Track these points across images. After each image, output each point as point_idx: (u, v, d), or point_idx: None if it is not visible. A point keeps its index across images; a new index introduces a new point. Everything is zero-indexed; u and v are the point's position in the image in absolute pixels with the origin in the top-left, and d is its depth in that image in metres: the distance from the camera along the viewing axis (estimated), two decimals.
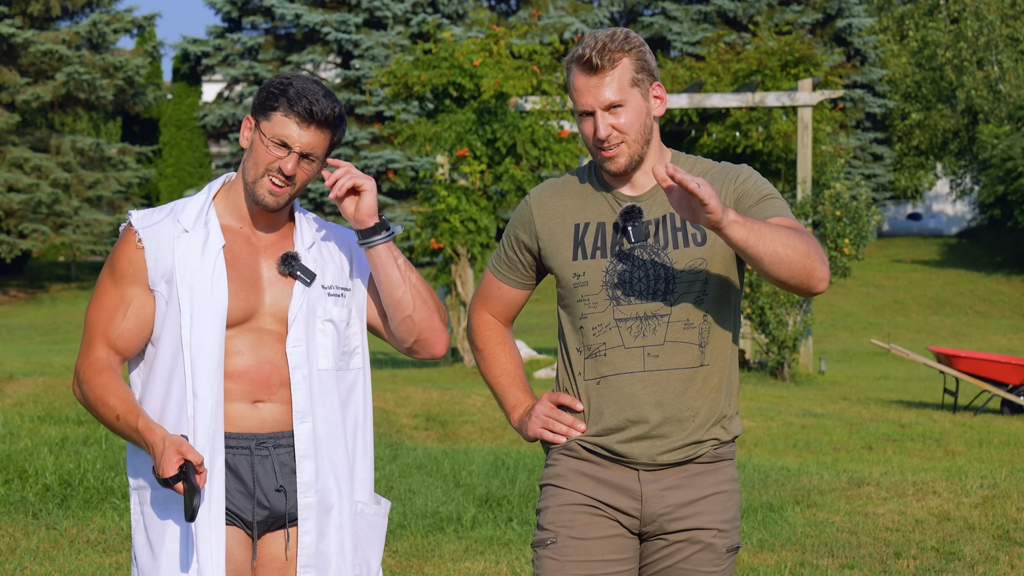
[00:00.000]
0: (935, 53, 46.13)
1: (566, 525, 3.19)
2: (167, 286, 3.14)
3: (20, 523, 7.25)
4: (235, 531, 3.17)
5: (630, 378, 3.15)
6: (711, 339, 3.18)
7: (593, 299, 3.18)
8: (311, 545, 3.19)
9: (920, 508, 7.96)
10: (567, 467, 3.23)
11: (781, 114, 21.59)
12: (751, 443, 11.25)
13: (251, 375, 3.16)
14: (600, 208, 3.23)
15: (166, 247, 3.16)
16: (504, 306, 3.40)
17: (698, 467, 3.20)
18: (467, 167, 18.45)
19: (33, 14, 39.52)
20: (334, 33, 40.89)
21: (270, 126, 3.13)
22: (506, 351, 3.40)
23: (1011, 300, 35.89)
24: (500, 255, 3.37)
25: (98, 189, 39.19)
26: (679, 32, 44.28)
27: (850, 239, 18.02)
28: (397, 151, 39.21)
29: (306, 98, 3.12)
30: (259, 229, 3.24)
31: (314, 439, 3.19)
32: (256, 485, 3.16)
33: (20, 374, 14.26)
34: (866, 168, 45.38)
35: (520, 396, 3.36)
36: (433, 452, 9.56)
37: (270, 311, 3.19)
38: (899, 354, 15.81)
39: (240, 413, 3.16)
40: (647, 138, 3.20)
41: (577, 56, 3.15)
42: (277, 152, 3.14)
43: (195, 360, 3.11)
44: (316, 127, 3.13)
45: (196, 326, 3.12)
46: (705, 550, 3.18)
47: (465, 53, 18.53)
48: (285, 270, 3.21)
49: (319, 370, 3.22)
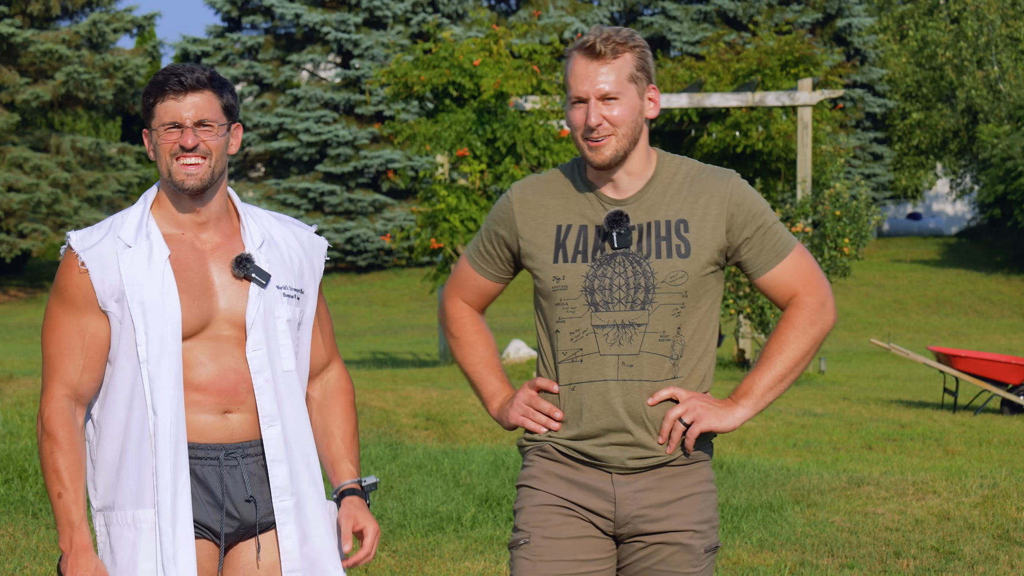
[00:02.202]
0: (935, 53, 46.12)
1: (539, 525, 3.18)
2: (118, 305, 3.06)
3: (20, 523, 7.25)
4: (204, 544, 3.12)
5: (603, 386, 3.13)
6: (685, 352, 3.14)
7: (572, 304, 3.15)
8: (294, 549, 3.15)
9: (920, 508, 7.96)
10: (541, 468, 3.21)
11: (781, 114, 21.58)
12: (751, 443, 11.26)
13: (217, 385, 3.09)
14: (583, 210, 3.19)
15: (110, 266, 3.06)
16: (479, 295, 3.36)
17: (672, 469, 3.18)
18: (467, 167, 18.45)
19: (33, 14, 39.52)
20: (334, 33, 40.89)
21: (157, 120, 3.08)
22: (482, 339, 3.36)
23: (1011, 300, 35.88)
24: (478, 246, 3.32)
25: (98, 189, 39.17)
26: (679, 32, 44.28)
27: (850, 239, 18.03)
28: (397, 151, 39.21)
29: (172, 75, 3.08)
30: (202, 233, 3.14)
31: (284, 442, 3.14)
32: (225, 496, 3.11)
33: (20, 374, 14.26)
34: (866, 168, 45.39)
35: (498, 384, 3.33)
36: (433, 452, 9.56)
37: (225, 316, 3.11)
38: (899, 354, 15.81)
39: (209, 424, 3.09)
40: (636, 137, 3.14)
41: (581, 43, 3.12)
42: (171, 135, 3.07)
43: (153, 376, 3.04)
44: (192, 93, 3.07)
45: (151, 342, 3.04)
46: (682, 551, 3.16)
47: (465, 53, 18.53)
48: (240, 273, 3.12)
49: (283, 371, 3.15)
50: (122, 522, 3.09)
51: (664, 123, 22.64)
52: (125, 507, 3.08)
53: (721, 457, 9.90)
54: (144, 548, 3.06)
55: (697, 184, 3.18)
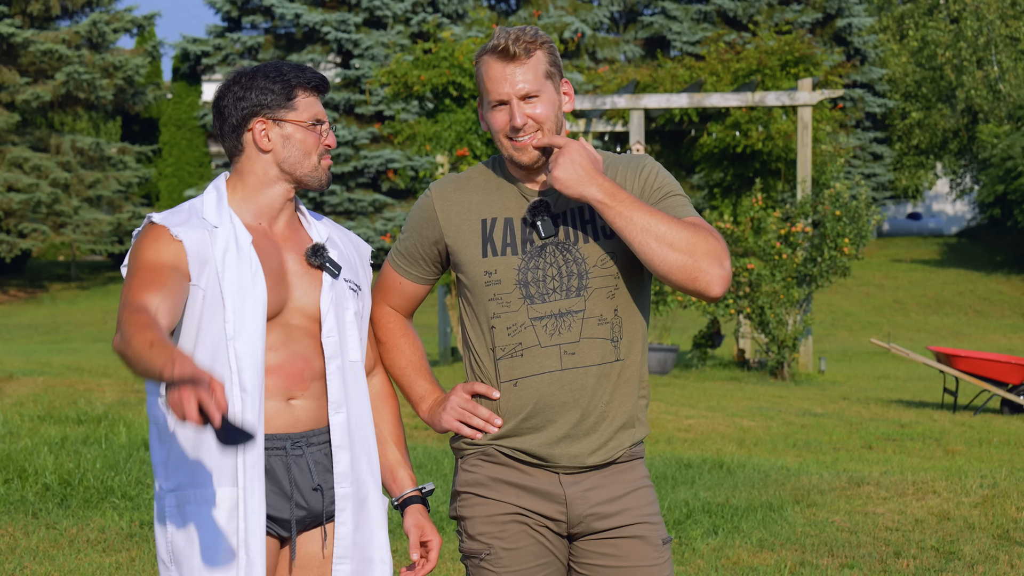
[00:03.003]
0: (935, 53, 46.14)
1: (498, 537, 3.16)
2: (206, 280, 3.08)
3: (20, 523, 7.25)
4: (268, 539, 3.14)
5: (547, 378, 3.11)
6: (624, 333, 3.15)
7: (506, 298, 3.13)
8: (347, 536, 3.17)
9: (920, 508, 7.96)
10: (487, 474, 3.19)
11: (781, 114, 21.57)
12: (751, 443, 11.26)
13: (286, 370, 3.12)
14: (506, 203, 3.18)
15: (203, 242, 3.09)
16: (404, 300, 3.35)
17: (616, 467, 3.18)
18: (467, 167, 18.44)
19: (33, 13, 39.52)
20: (334, 33, 40.89)
21: (297, 114, 3.15)
22: (409, 343, 3.35)
23: (1011, 300, 35.88)
24: (400, 250, 3.31)
25: (98, 189, 39.17)
26: (679, 31, 44.30)
27: (850, 239, 18.03)
28: (397, 151, 39.21)
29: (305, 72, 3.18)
30: (274, 225, 3.22)
31: (348, 430, 3.18)
32: (293, 486, 3.13)
33: (20, 374, 14.27)
34: (866, 167, 45.40)
35: (427, 387, 3.31)
36: (433, 452, 9.56)
37: (297, 306, 3.16)
38: (899, 354, 15.81)
39: (275, 411, 3.12)
40: (557, 132, 3.16)
41: (491, 47, 3.12)
42: (316, 132, 3.18)
43: (240, 354, 3.06)
44: (321, 95, 3.21)
45: (239, 320, 3.07)
46: (641, 542, 3.17)
47: (465, 52, 18.54)
48: (315, 262, 3.19)
49: (350, 361, 3.20)
50: (200, 500, 3.06)
51: (664, 123, 22.61)
52: (205, 485, 3.06)
53: (721, 457, 9.91)
54: (225, 526, 3.05)
55: (613, 168, 3.20)
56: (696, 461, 9.58)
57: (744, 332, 20.17)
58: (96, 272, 43.30)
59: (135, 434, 9.77)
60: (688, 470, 9.27)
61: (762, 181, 22.27)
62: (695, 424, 12.13)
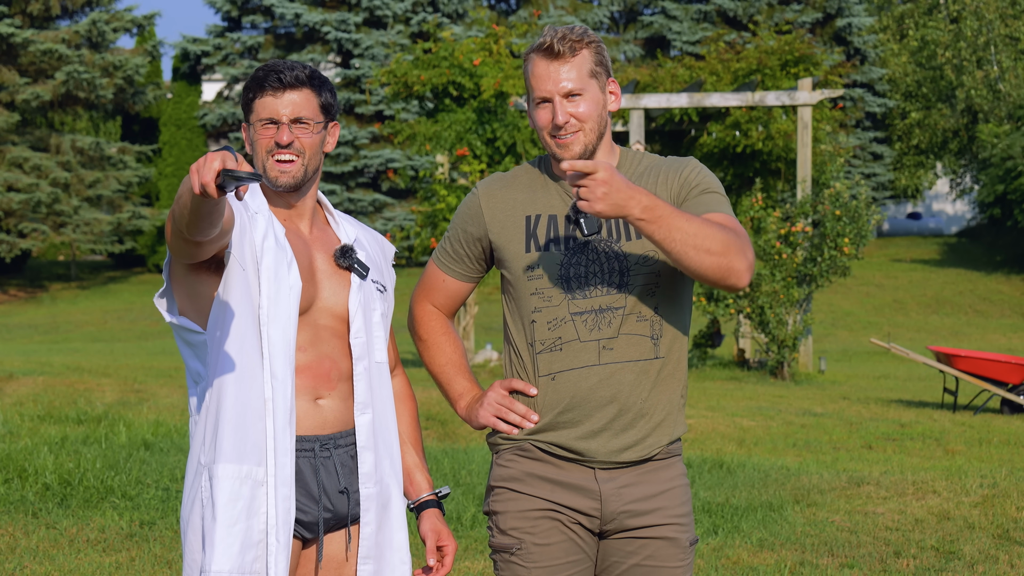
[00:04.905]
0: (935, 52, 46.15)
1: (529, 532, 3.18)
2: (250, 260, 3.05)
3: (20, 522, 7.25)
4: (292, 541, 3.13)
5: (586, 372, 3.14)
6: (664, 332, 3.18)
7: (548, 292, 3.17)
8: (371, 537, 3.19)
9: (920, 507, 7.96)
10: (522, 470, 3.21)
11: (781, 113, 21.58)
12: (751, 442, 11.26)
13: (314, 369, 3.12)
14: (550, 200, 3.22)
15: (244, 226, 3.07)
16: (447, 298, 3.37)
17: (653, 464, 3.20)
18: (467, 166, 18.45)
19: (33, 13, 39.52)
20: (334, 32, 40.89)
21: (255, 114, 3.12)
22: (450, 341, 3.37)
23: (1011, 300, 35.88)
24: (445, 248, 3.35)
25: (98, 188, 39.18)
26: (679, 31, 44.30)
27: (850, 238, 18.02)
28: (397, 150, 39.22)
29: (272, 71, 3.12)
30: (300, 223, 3.21)
31: (373, 430, 3.18)
32: (320, 489, 3.13)
33: (20, 373, 14.27)
34: (866, 167, 45.40)
35: (466, 384, 3.34)
36: (433, 452, 9.56)
37: (325, 305, 3.16)
38: (899, 353, 15.82)
39: (303, 411, 3.11)
40: (601, 131, 3.18)
41: (538, 45, 3.17)
42: (268, 131, 3.12)
43: (273, 340, 3.04)
44: (291, 91, 3.11)
45: (274, 306, 3.05)
46: (670, 544, 3.19)
47: (465, 52, 18.54)
48: (344, 263, 3.19)
49: (376, 362, 3.21)
50: (234, 476, 3.03)
51: (664, 123, 22.63)
52: (241, 461, 3.03)
53: (721, 457, 9.91)
54: (257, 504, 3.03)
55: (656, 170, 3.23)
56: (696, 461, 9.58)
57: (744, 332, 20.17)
58: (96, 272, 43.29)
59: (135, 434, 9.78)
60: (688, 470, 9.27)
61: (762, 181, 22.29)
62: (695, 424, 12.13)
